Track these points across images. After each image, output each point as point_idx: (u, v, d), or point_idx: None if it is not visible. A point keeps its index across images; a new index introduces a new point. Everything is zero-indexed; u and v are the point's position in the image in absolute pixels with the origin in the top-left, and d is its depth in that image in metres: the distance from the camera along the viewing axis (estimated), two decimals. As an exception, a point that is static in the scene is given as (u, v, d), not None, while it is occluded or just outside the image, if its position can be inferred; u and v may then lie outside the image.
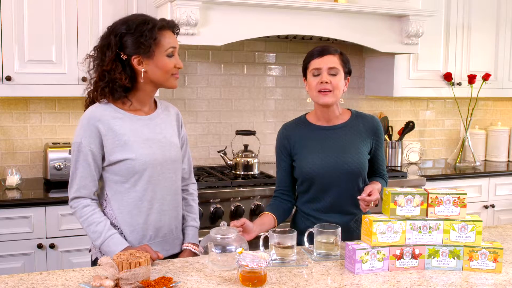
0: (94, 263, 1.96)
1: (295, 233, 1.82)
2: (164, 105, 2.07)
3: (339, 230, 1.86)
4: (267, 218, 2.13)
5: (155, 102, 2.05)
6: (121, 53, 1.87)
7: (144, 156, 1.89)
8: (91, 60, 1.95)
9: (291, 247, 1.80)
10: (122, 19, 1.92)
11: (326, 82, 2.06)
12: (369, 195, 2.01)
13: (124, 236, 1.92)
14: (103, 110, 1.90)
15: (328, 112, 2.15)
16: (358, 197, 2.02)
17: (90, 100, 1.97)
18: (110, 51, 1.87)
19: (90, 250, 2.03)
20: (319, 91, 2.08)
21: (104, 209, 1.96)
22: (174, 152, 2.00)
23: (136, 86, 1.92)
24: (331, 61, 2.08)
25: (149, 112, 1.99)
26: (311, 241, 1.92)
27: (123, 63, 1.88)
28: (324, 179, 2.11)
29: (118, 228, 1.92)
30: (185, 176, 2.13)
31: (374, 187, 2.07)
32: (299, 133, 2.19)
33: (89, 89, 1.98)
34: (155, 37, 1.86)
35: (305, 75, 2.18)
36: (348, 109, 2.24)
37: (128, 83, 1.88)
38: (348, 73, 2.14)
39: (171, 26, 1.94)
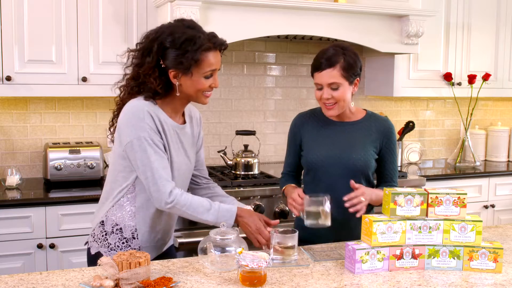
0: (93, 258, 1.95)
1: (296, 234, 1.82)
2: (188, 112, 2.07)
3: (327, 198, 1.91)
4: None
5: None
6: (161, 60, 1.87)
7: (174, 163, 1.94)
8: (132, 54, 1.94)
9: (292, 247, 1.80)
10: (170, 28, 1.88)
11: (327, 98, 2.07)
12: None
13: (137, 234, 1.94)
14: (154, 107, 1.89)
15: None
16: (344, 198, 2.00)
17: (121, 98, 1.97)
18: (150, 58, 1.87)
19: (86, 243, 2.03)
20: (324, 105, 2.11)
21: (126, 201, 1.93)
22: (191, 164, 2.07)
23: (171, 94, 1.93)
24: (331, 76, 2.05)
25: (180, 122, 2.00)
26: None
27: (161, 70, 1.88)
28: (328, 172, 2.14)
29: (134, 226, 1.93)
30: (206, 175, 2.24)
31: (367, 190, 2.04)
32: (311, 125, 2.23)
33: (121, 85, 1.98)
34: (198, 58, 1.84)
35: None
36: (365, 109, 2.25)
37: (160, 89, 1.88)
38: (355, 77, 2.10)
39: (219, 46, 1.91)
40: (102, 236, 1.96)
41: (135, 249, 1.95)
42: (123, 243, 1.94)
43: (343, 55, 2.06)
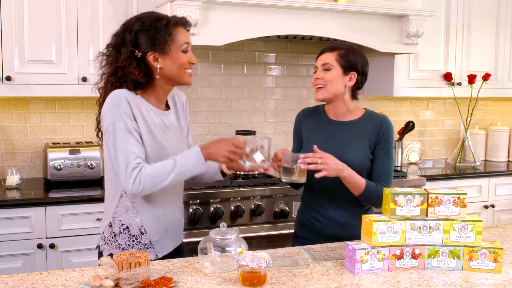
0: None
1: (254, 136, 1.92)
2: (171, 97, 2.08)
3: (301, 156, 1.97)
4: None
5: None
6: (136, 50, 1.89)
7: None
8: (104, 58, 1.96)
9: (254, 150, 1.91)
10: (135, 17, 1.95)
11: (318, 78, 2.14)
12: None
13: (145, 229, 1.93)
14: (135, 96, 1.91)
15: (333, 107, 2.20)
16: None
17: (102, 97, 1.96)
18: (125, 48, 1.90)
19: (97, 247, 2.01)
20: (315, 86, 2.17)
21: (126, 199, 1.93)
22: (184, 148, 2.04)
23: (152, 83, 1.94)
24: (326, 58, 2.14)
25: (164, 109, 2.01)
26: None
27: (138, 60, 1.89)
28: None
29: (139, 221, 1.93)
30: None
31: (333, 160, 2.01)
32: (312, 121, 2.26)
33: (100, 85, 1.98)
34: (170, 32, 1.89)
35: None
36: (365, 108, 2.25)
37: (141, 79, 1.89)
38: (349, 68, 2.13)
39: (184, 23, 1.97)
40: (112, 237, 1.95)
41: (145, 244, 1.95)
42: (132, 241, 1.94)
43: (347, 47, 2.16)
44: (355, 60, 2.14)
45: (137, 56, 1.89)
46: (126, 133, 1.83)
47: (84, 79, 2.99)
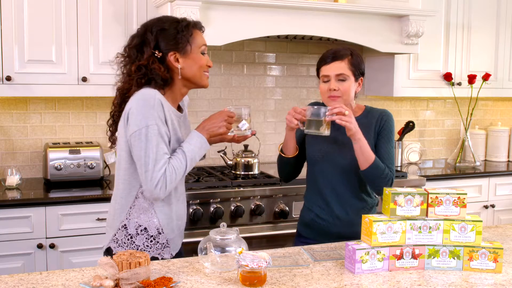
0: None
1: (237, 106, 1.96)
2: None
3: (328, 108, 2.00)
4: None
5: None
6: (156, 51, 1.90)
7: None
8: (122, 59, 1.96)
9: (240, 118, 1.98)
10: (154, 19, 1.97)
11: (334, 90, 2.11)
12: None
13: (162, 229, 1.94)
14: (163, 99, 1.90)
15: None
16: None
17: (122, 96, 1.96)
18: (147, 47, 1.90)
19: (107, 249, 1.99)
20: (329, 97, 2.13)
21: (143, 200, 1.93)
22: None
23: (171, 85, 1.95)
24: (339, 67, 2.11)
25: (178, 111, 2.02)
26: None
27: (159, 60, 1.91)
28: (326, 168, 2.17)
29: (157, 221, 1.93)
30: None
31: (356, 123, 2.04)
32: None
33: (118, 85, 1.98)
34: (191, 33, 1.93)
35: (318, 77, 2.22)
36: (365, 105, 2.26)
37: (167, 74, 1.90)
38: (360, 75, 2.16)
39: (200, 27, 2.01)
40: (128, 239, 1.93)
41: (163, 243, 1.96)
42: (151, 241, 1.94)
43: (350, 53, 2.14)
44: (361, 65, 2.16)
45: (157, 57, 1.90)
46: (159, 138, 1.83)
47: (84, 79, 2.99)
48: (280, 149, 2.24)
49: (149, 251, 1.93)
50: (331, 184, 2.17)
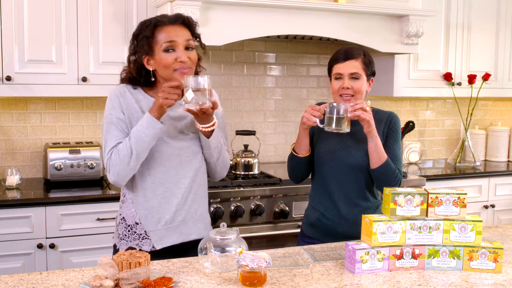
0: None
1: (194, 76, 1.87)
2: None
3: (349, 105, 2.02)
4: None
5: None
6: (132, 56, 1.99)
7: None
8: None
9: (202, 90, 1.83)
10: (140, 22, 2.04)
11: (348, 88, 2.11)
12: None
13: (139, 218, 1.98)
14: (136, 92, 2.01)
15: None
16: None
17: (127, 76, 2.04)
18: (129, 53, 2.02)
19: (114, 246, 2.08)
20: (341, 95, 2.13)
21: (126, 191, 2.03)
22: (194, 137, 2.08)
23: (156, 84, 2.00)
24: (353, 66, 2.12)
25: None
26: None
27: (141, 64, 1.98)
28: (333, 168, 2.17)
29: (134, 211, 1.99)
30: None
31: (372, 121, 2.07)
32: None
33: (125, 69, 2.05)
34: (148, 35, 1.92)
35: (329, 75, 2.21)
36: (371, 107, 2.26)
37: (147, 77, 1.98)
38: (371, 75, 2.17)
39: (173, 21, 1.94)
40: (115, 229, 2.07)
41: (140, 234, 1.99)
42: (128, 231, 2.01)
43: (363, 52, 2.16)
44: (373, 65, 2.18)
45: (137, 61, 1.98)
46: (111, 125, 1.95)
47: (84, 79, 2.99)
48: (292, 148, 2.24)
49: (127, 241, 2.00)
50: (339, 183, 2.18)
